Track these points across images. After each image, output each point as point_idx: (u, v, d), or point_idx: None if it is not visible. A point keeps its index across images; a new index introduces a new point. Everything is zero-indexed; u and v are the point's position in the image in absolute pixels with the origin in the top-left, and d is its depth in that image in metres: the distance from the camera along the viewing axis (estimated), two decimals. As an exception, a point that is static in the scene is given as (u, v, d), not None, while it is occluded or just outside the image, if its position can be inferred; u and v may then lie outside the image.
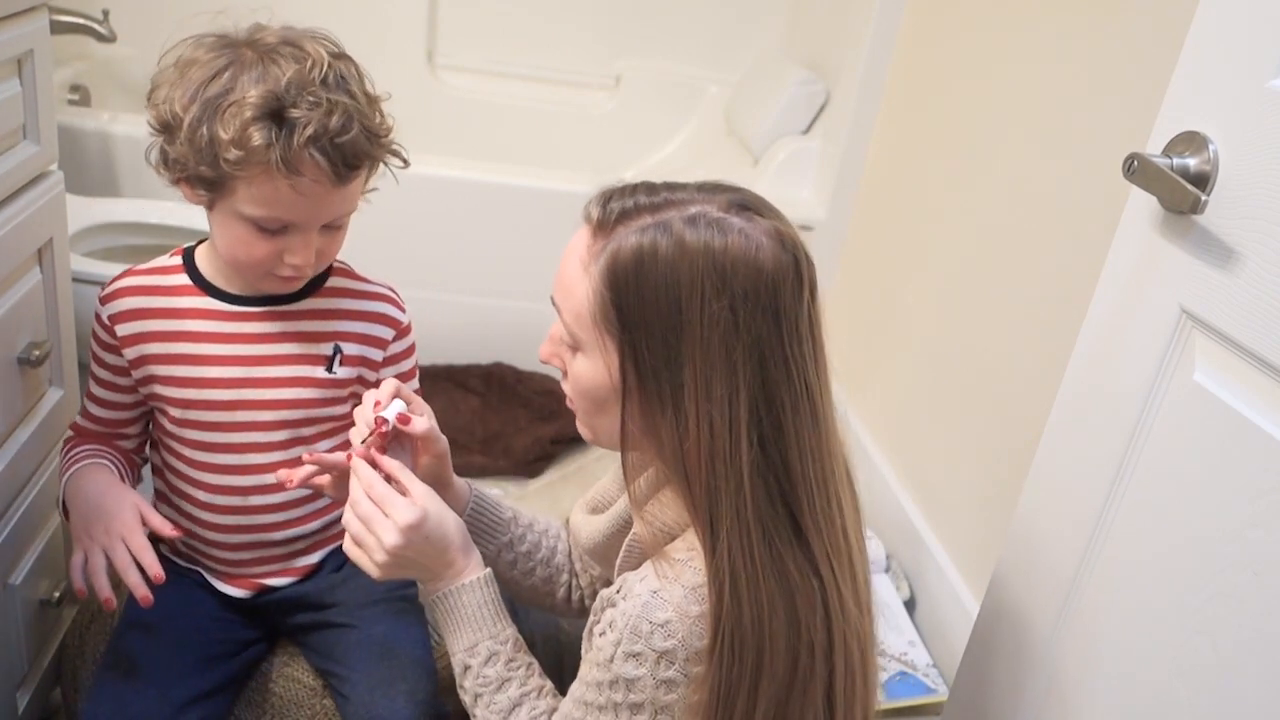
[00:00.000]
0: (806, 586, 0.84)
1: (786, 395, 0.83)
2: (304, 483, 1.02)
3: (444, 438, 1.04)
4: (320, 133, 0.94)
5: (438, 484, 1.03)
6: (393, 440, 0.99)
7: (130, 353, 1.08)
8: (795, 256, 0.84)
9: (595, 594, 1.17)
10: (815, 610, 0.84)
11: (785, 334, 0.82)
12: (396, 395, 1.00)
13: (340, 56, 1.01)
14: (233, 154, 0.93)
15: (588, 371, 0.87)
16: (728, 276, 0.80)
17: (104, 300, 1.09)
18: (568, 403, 0.93)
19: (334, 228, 1.04)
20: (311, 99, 0.94)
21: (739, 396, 0.81)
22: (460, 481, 1.10)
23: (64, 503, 1.07)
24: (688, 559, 0.85)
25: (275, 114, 0.94)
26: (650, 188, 0.86)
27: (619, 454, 0.92)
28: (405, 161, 1.07)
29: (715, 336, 0.81)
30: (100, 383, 1.12)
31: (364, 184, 1.05)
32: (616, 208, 0.84)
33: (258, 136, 0.93)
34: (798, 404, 0.83)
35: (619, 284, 0.82)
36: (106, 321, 1.09)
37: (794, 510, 0.84)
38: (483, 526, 1.10)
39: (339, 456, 1.01)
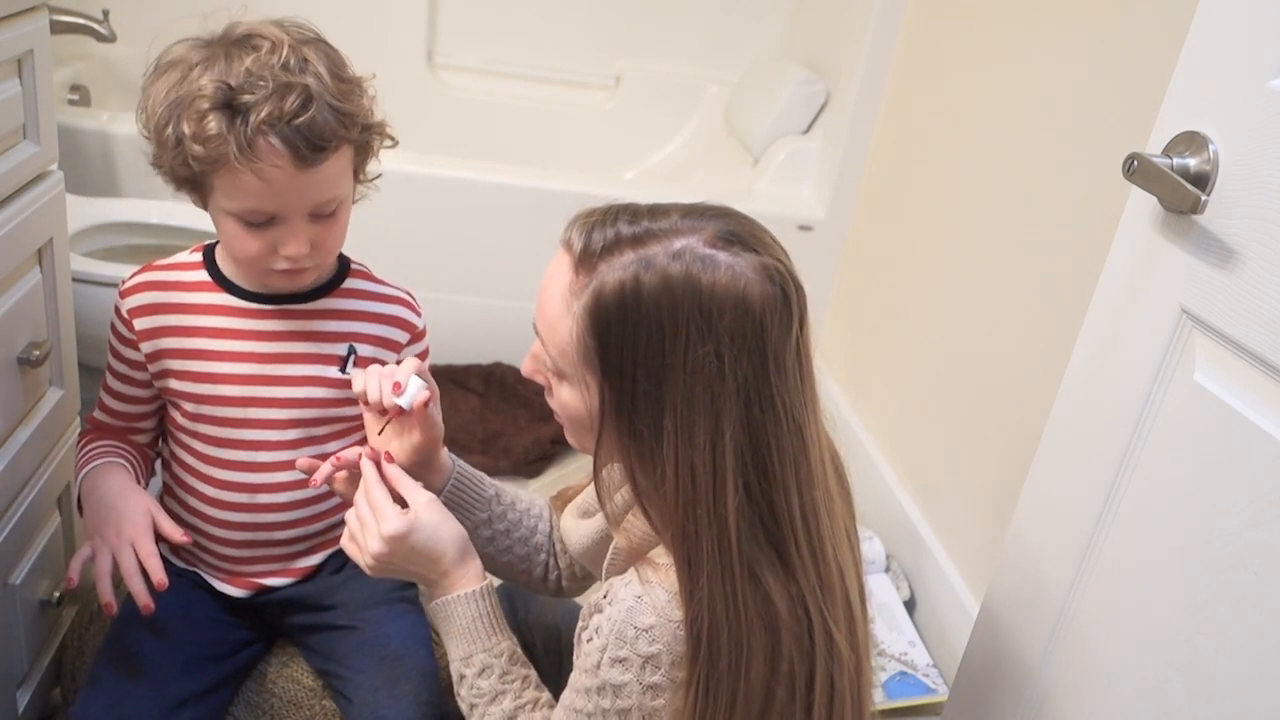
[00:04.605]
0: (794, 621, 0.82)
1: (773, 434, 0.81)
2: (326, 480, 1.02)
3: (441, 425, 1.05)
4: (275, 115, 0.92)
5: (425, 464, 1.04)
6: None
7: (147, 347, 1.09)
8: (783, 289, 0.80)
9: (574, 576, 1.17)
10: (800, 644, 0.83)
11: (772, 371, 0.80)
12: (418, 374, 0.99)
13: (309, 41, 0.99)
14: (196, 149, 0.94)
15: (572, 400, 0.86)
16: (714, 319, 0.78)
17: (123, 294, 1.10)
18: (555, 416, 0.93)
19: (324, 215, 1.01)
20: (264, 84, 0.93)
21: (724, 441, 0.79)
22: (445, 457, 1.09)
23: (78, 498, 1.08)
24: (670, 563, 0.84)
25: (228, 103, 0.93)
26: (632, 215, 0.83)
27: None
28: (394, 140, 1.06)
29: (699, 382, 0.78)
30: (117, 376, 1.13)
31: (352, 169, 1.03)
32: (599, 240, 0.81)
33: (213, 127, 0.92)
34: (784, 441, 0.81)
35: (602, 329, 0.80)
36: (125, 315, 1.09)
37: (780, 549, 0.83)
38: (461, 502, 1.10)
39: (355, 453, 1.01)
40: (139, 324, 1.09)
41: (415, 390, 0.97)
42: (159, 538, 1.04)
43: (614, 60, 2.88)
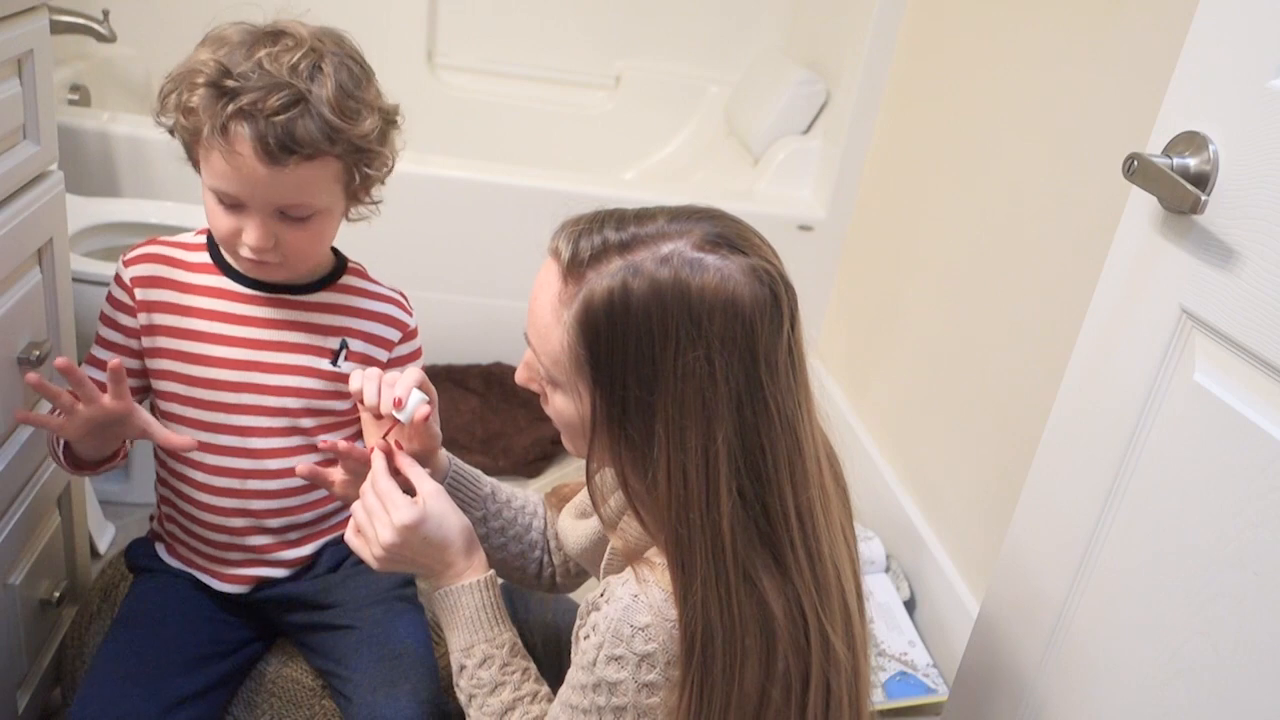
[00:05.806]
0: (789, 623, 0.82)
1: (766, 436, 0.80)
2: (309, 475, 1.02)
3: (439, 433, 1.05)
4: (254, 106, 0.94)
5: (421, 464, 1.04)
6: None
7: (144, 318, 1.10)
8: (773, 289, 0.80)
9: (568, 573, 1.18)
10: (796, 646, 0.83)
11: (764, 373, 0.80)
12: (419, 386, 0.99)
13: (335, 55, 1.00)
14: (181, 119, 0.98)
15: (566, 408, 0.86)
16: (703, 323, 0.77)
17: (127, 263, 1.11)
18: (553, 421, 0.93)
19: (295, 219, 1.01)
20: (261, 75, 0.95)
21: (716, 445, 0.79)
22: (442, 457, 1.09)
23: (63, 448, 1.07)
24: (666, 562, 0.84)
25: (218, 83, 0.95)
26: (619, 221, 0.82)
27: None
28: (389, 168, 1.06)
29: (690, 387, 0.78)
30: (107, 345, 1.12)
31: (341, 185, 1.03)
32: (586, 248, 0.80)
33: (197, 101, 0.96)
34: (778, 442, 0.81)
35: (592, 338, 0.79)
36: (127, 282, 1.10)
37: (776, 551, 0.82)
38: (457, 501, 1.09)
39: (361, 449, 1.01)
40: (140, 294, 1.09)
41: (415, 404, 0.97)
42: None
43: (614, 60, 2.88)
